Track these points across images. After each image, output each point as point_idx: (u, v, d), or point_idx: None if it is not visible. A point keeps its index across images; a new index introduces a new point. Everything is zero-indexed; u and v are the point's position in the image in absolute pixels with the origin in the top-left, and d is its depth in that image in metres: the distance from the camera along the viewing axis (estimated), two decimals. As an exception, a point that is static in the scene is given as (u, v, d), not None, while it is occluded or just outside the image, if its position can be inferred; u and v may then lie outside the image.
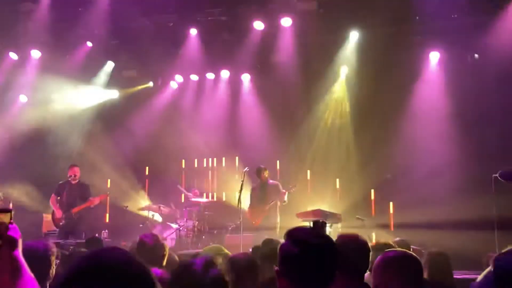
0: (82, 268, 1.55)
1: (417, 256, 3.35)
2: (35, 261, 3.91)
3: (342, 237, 3.69)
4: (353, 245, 3.50)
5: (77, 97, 15.39)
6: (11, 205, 12.07)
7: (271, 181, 12.29)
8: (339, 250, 2.70)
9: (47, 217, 13.71)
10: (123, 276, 1.54)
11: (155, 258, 4.79)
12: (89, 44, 14.24)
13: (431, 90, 12.86)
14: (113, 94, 16.01)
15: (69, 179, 11.50)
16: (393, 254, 3.28)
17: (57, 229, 11.45)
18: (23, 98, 15.03)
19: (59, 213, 11.42)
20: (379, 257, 3.22)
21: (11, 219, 2.36)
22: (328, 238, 2.75)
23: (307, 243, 2.62)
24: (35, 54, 14.31)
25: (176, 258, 5.92)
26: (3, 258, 2.30)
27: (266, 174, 12.17)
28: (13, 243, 2.34)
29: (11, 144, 14.19)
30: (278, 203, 11.95)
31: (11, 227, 2.35)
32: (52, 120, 14.77)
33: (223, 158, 15.52)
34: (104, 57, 14.96)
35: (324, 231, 2.91)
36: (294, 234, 2.71)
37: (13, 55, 14.32)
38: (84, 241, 9.30)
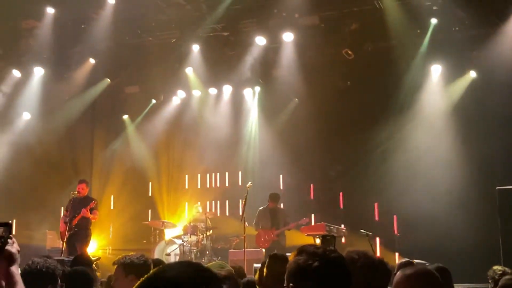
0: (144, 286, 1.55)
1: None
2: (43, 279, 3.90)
3: (349, 253, 3.66)
4: (361, 262, 3.47)
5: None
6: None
7: (280, 206, 12.54)
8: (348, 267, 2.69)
9: (51, 233, 13.71)
10: None
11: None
12: (92, 60, 14.33)
13: (433, 103, 12.86)
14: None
15: (73, 194, 11.58)
16: (414, 271, 3.25)
17: (65, 243, 11.42)
18: (26, 115, 15.01)
19: (61, 227, 11.50)
20: (399, 274, 3.20)
21: (10, 233, 2.32)
22: (338, 253, 2.74)
23: (325, 256, 2.61)
24: (38, 71, 14.36)
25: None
26: None
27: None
28: (10, 257, 2.33)
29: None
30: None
31: (9, 241, 2.33)
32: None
33: (226, 173, 15.49)
34: (107, 73, 14.96)
35: (334, 245, 2.91)
36: (308, 250, 2.69)
37: (16, 73, 14.35)
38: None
